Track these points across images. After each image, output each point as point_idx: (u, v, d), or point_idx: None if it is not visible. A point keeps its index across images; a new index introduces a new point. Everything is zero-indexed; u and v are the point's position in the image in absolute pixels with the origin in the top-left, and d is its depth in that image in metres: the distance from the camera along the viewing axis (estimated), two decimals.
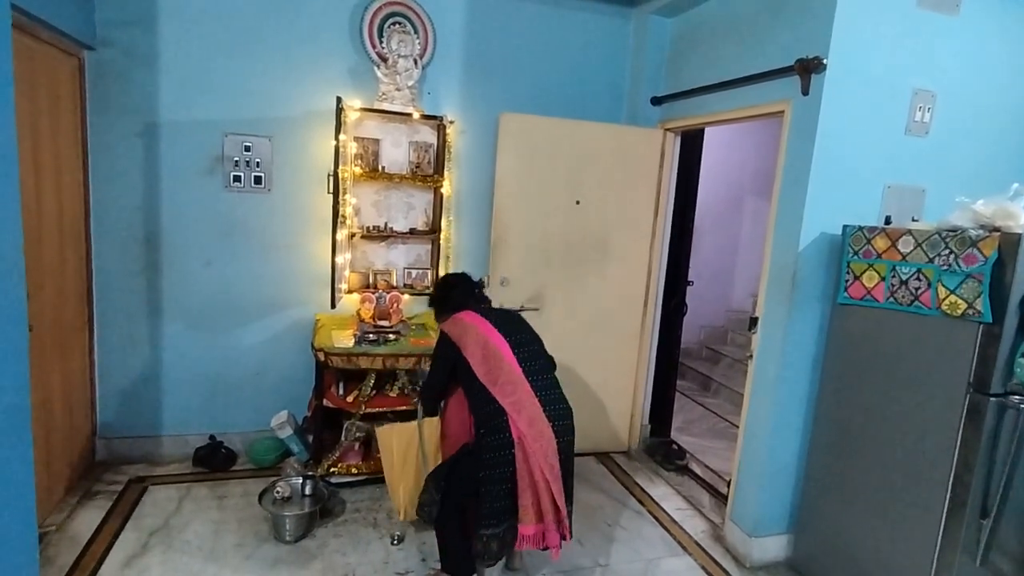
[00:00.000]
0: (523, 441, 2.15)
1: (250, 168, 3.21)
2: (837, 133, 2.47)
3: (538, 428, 2.19)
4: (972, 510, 2.05)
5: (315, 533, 2.73)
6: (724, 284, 5.83)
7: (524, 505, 2.16)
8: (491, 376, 2.24)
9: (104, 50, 2.93)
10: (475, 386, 2.26)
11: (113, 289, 3.12)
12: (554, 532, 2.20)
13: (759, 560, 2.76)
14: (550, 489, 2.16)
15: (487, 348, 2.30)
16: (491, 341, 2.33)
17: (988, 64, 2.63)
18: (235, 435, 3.39)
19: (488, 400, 2.21)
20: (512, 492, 2.16)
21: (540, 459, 2.15)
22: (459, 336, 2.34)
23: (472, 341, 2.31)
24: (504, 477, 2.15)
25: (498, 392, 2.21)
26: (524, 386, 2.26)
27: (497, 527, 2.17)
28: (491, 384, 2.23)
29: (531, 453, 2.14)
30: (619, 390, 3.80)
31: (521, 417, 2.17)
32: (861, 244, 2.39)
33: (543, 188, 3.44)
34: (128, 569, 2.41)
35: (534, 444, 2.15)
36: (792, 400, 2.68)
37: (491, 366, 2.26)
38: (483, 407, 2.23)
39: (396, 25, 3.29)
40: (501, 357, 2.29)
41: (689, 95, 3.31)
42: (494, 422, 2.19)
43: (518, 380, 2.26)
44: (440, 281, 2.77)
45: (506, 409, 2.18)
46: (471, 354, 2.28)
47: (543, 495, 2.16)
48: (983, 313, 1.95)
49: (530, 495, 2.16)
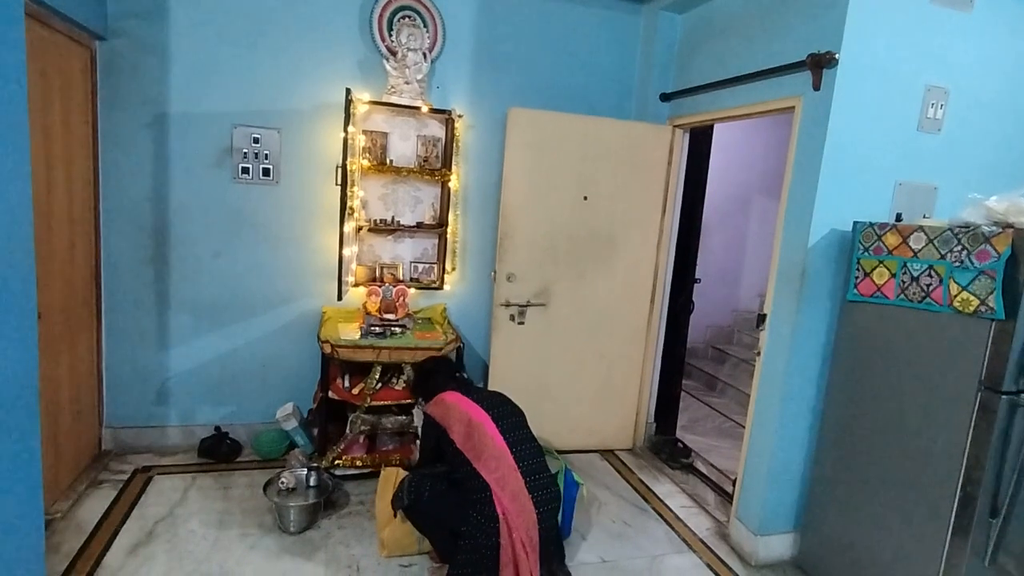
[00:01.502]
0: (507, 517, 2.22)
1: (258, 160, 3.22)
2: (848, 129, 2.45)
3: (520, 502, 2.26)
4: (982, 509, 2.03)
5: (319, 524, 2.73)
6: (731, 284, 5.80)
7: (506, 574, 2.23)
8: (475, 451, 2.32)
9: (115, 41, 2.94)
10: (459, 461, 2.33)
11: (121, 279, 3.14)
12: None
13: (764, 558, 2.74)
14: (528, 559, 2.23)
15: (470, 425, 2.38)
16: (473, 417, 2.41)
17: (1001, 61, 2.61)
18: (240, 426, 3.40)
19: (473, 475, 2.28)
20: (494, 560, 2.22)
21: (522, 532, 2.23)
22: (442, 416, 2.44)
23: (455, 419, 2.40)
24: (487, 545, 2.22)
25: (482, 467, 2.28)
26: (507, 459, 2.33)
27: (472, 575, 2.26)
28: (475, 459, 2.30)
29: (514, 528, 2.22)
30: (625, 387, 3.79)
31: (505, 493, 2.25)
32: (871, 240, 2.37)
33: (551, 183, 3.43)
34: (133, 557, 2.42)
35: (517, 519, 2.23)
36: (800, 397, 2.66)
37: (475, 441, 2.33)
38: (467, 480, 2.30)
39: (406, 19, 3.29)
40: (484, 432, 2.36)
41: (698, 91, 3.30)
42: (479, 496, 2.25)
43: (501, 454, 2.33)
44: (418, 367, 2.88)
45: (491, 486, 2.25)
46: (455, 432, 2.37)
47: (522, 568, 2.22)
48: (996, 310, 1.93)
49: (511, 569, 2.22)
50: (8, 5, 1.60)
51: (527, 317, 3.51)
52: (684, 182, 3.70)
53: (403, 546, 2.55)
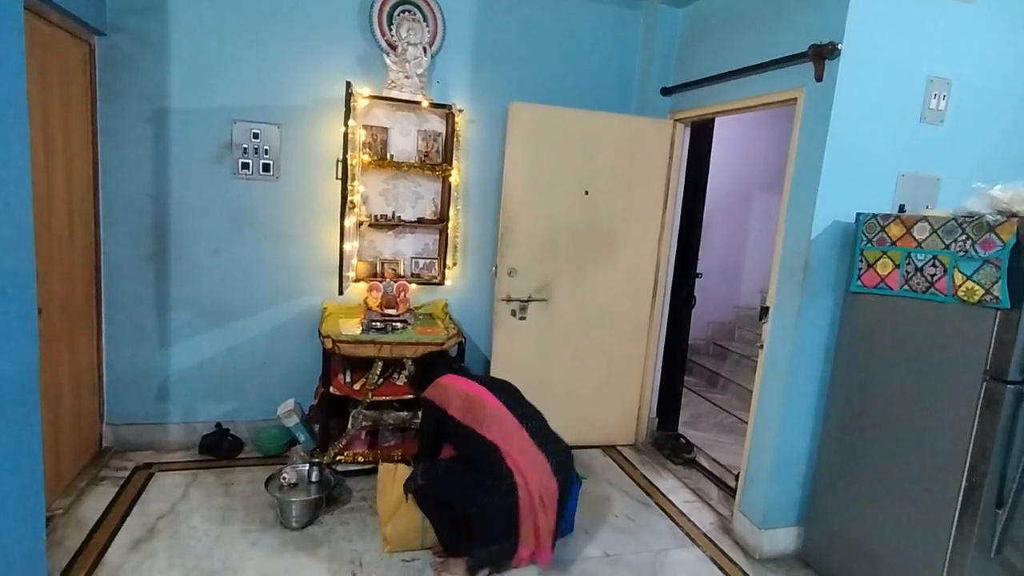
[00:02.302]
0: (519, 468, 2.24)
1: (259, 155, 3.21)
2: (851, 120, 2.44)
3: (531, 455, 2.29)
4: (987, 500, 2.02)
5: (321, 520, 2.72)
6: (732, 280, 5.79)
7: (525, 530, 2.26)
8: (477, 419, 2.34)
9: (114, 36, 2.93)
10: (463, 434, 2.35)
11: (121, 276, 3.12)
12: (547, 552, 2.32)
13: (768, 552, 2.73)
14: (546, 512, 2.25)
15: (468, 398, 2.42)
16: (471, 392, 2.46)
17: (1004, 51, 2.60)
18: (241, 423, 3.39)
19: (479, 441, 2.30)
20: (513, 520, 2.24)
21: (537, 484, 2.25)
22: (440, 397, 2.48)
23: (453, 396, 2.44)
24: (505, 507, 2.23)
25: (486, 431, 2.31)
26: (510, 420, 2.37)
27: (496, 546, 2.28)
28: (478, 426, 2.32)
29: (530, 480, 2.23)
30: (627, 382, 3.78)
31: (513, 448, 2.28)
32: (875, 232, 2.36)
33: (552, 178, 3.42)
34: (135, 553, 2.41)
35: (530, 472, 2.25)
36: (803, 389, 2.65)
37: (475, 412, 2.36)
38: (475, 451, 2.31)
39: (405, 13, 3.28)
40: (484, 402, 2.40)
41: (699, 85, 3.29)
42: (491, 460, 2.27)
43: (503, 416, 2.37)
44: (418, 362, 2.87)
45: (497, 444, 2.27)
46: (454, 407, 2.39)
47: (541, 522, 2.25)
48: (1001, 299, 1.92)
49: (531, 523, 2.25)
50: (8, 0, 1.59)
51: (528, 312, 3.50)
52: (685, 177, 3.69)
53: (406, 541, 2.54)
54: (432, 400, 2.51)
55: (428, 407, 2.54)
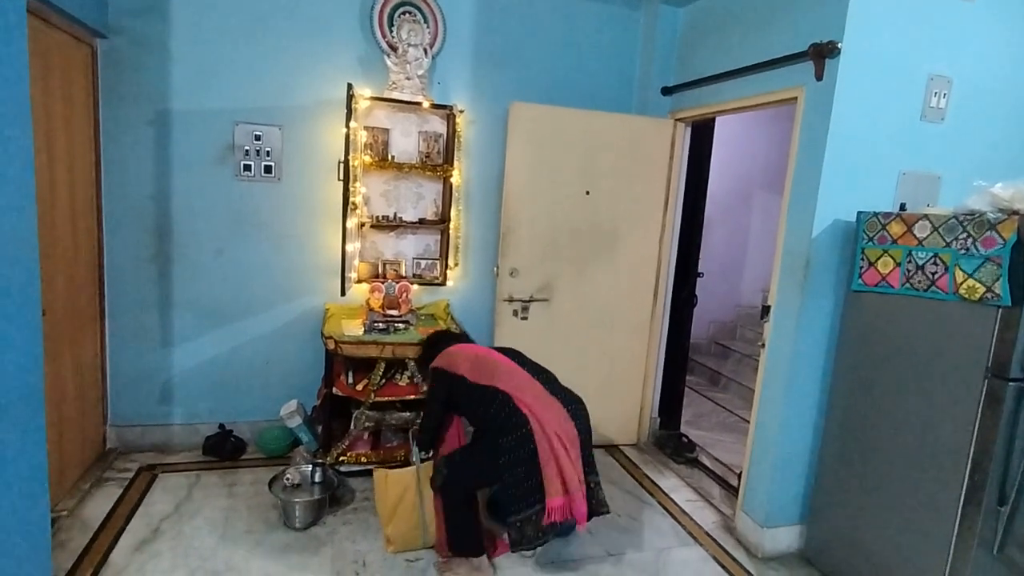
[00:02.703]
0: (533, 411, 2.20)
1: (260, 157, 3.22)
2: (851, 119, 2.44)
3: (545, 401, 2.26)
4: (990, 497, 2.02)
5: (325, 520, 2.73)
6: (733, 280, 5.79)
7: (549, 477, 2.15)
8: (487, 375, 2.33)
9: (116, 38, 2.94)
10: (475, 395, 2.31)
11: (124, 277, 3.13)
12: (581, 501, 2.18)
13: (771, 551, 2.74)
14: (569, 455, 2.17)
15: (477, 358, 2.41)
16: (479, 353, 2.47)
17: (1005, 49, 2.60)
18: (244, 424, 3.40)
19: (491, 395, 2.27)
20: (535, 471, 2.16)
21: (554, 426, 2.19)
22: (448, 362, 2.46)
23: (461, 359, 2.43)
24: (525, 457, 2.17)
25: (497, 382, 2.29)
26: (521, 373, 2.36)
27: (529, 509, 2.18)
28: (488, 380, 2.31)
29: (545, 422, 2.18)
30: (628, 382, 3.78)
31: (526, 395, 2.25)
32: (876, 230, 2.36)
33: (553, 178, 3.43)
34: (139, 553, 2.42)
35: (545, 413, 2.21)
36: (805, 388, 2.65)
37: (485, 369, 2.36)
38: (488, 406, 2.28)
39: (406, 14, 3.28)
40: (494, 360, 2.40)
41: (700, 84, 3.29)
42: (504, 410, 2.23)
43: (514, 370, 2.36)
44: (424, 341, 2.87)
45: (510, 393, 2.25)
46: (464, 369, 2.38)
47: (564, 464, 2.16)
48: (1002, 296, 1.92)
49: (553, 465, 2.15)
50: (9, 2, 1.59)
51: (530, 312, 3.51)
52: (686, 176, 3.69)
53: (408, 541, 2.54)
54: (441, 367, 2.48)
55: (437, 376, 2.49)
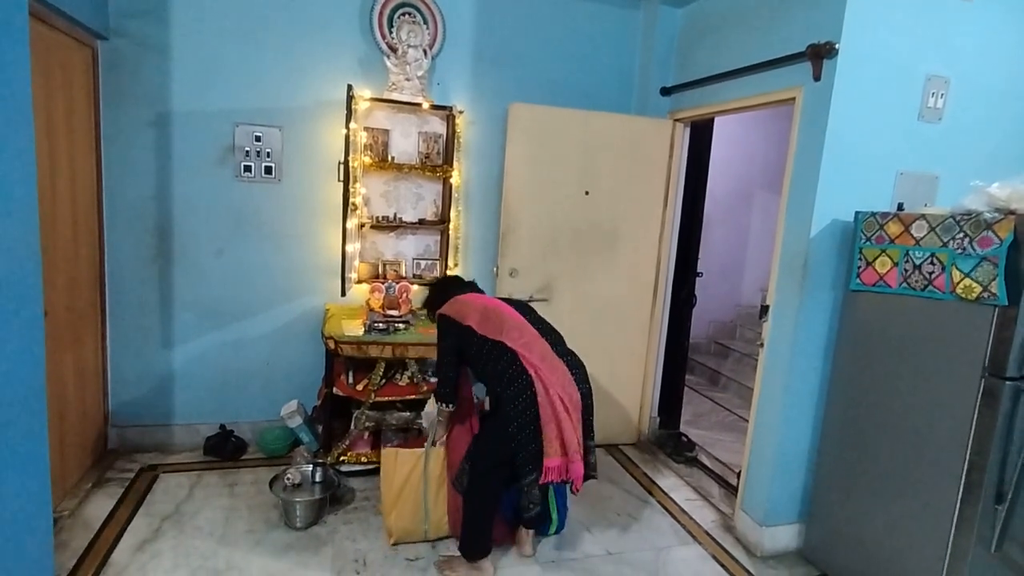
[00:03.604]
0: (539, 374, 2.20)
1: (260, 158, 3.23)
2: (849, 119, 2.45)
3: (550, 362, 2.26)
4: (987, 496, 2.03)
5: (325, 520, 2.74)
6: (733, 279, 5.80)
7: (548, 438, 2.16)
8: (495, 328, 2.30)
9: (117, 40, 2.95)
10: (484, 349, 2.30)
11: (125, 278, 3.14)
12: (578, 463, 2.19)
13: (770, 549, 2.75)
14: (571, 418, 2.19)
15: (486, 311, 2.38)
16: (489, 305, 2.42)
17: (1002, 50, 2.61)
18: (245, 424, 3.41)
19: (499, 351, 2.26)
20: (539, 433, 2.18)
21: (558, 388, 2.20)
22: (457, 311, 2.42)
23: (470, 310, 2.39)
24: (531, 418, 2.18)
25: (505, 338, 2.27)
26: (530, 329, 2.34)
27: (533, 472, 2.20)
28: (496, 334, 2.28)
29: (549, 384, 2.19)
30: (628, 381, 3.79)
31: (533, 354, 2.24)
32: (874, 230, 2.37)
33: (552, 178, 3.44)
34: (140, 553, 2.43)
35: (551, 375, 2.21)
36: (803, 387, 2.66)
37: (494, 323, 2.32)
38: (496, 363, 2.26)
39: (406, 16, 3.29)
40: (503, 314, 2.36)
41: (699, 84, 3.30)
42: (511, 369, 2.22)
43: (523, 325, 2.34)
44: (433, 284, 2.87)
45: (517, 350, 2.24)
46: (472, 319, 2.34)
47: (565, 426, 2.17)
48: (999, 296, 1.93)
49: (553, 427, 2.17)
50: (11, 5, 1.61)
51: None
52: (685, 176, 3.71)
53: (410, 533, 2.55)
54: (449, 315, 2.44)
55: (445, 324, 2.46)
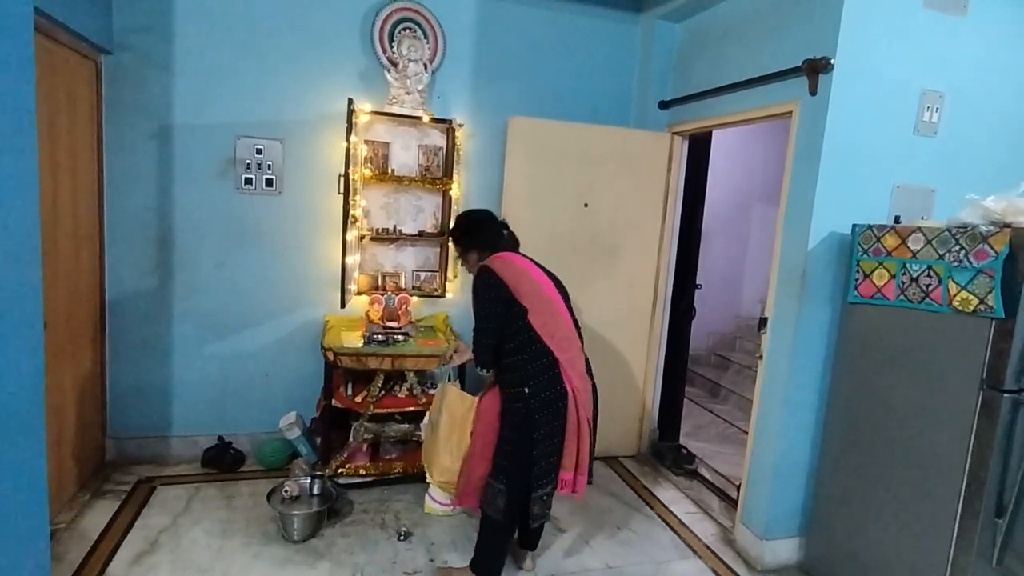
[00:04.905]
0: (576, 395, 2.17)
1: (261, 170, 3.25)
2: (845, 133, 2.47)
3: (584, 383, 2.22)
4: (987, 509, 2.02)
5: (323, 533, 2.72)
6: (732, 291, 5.81)
7: (569, 453, 2.18)
8: (548, 329, 2.15)
9: (120, 54, 2.98)
10: (529, 337, 2.15)
11: (125, 289, 3.15)
12: (584, 476, 2.24)
13: (771, 563, 2.73)
14: (586, 438, 2.21)
15: (543, 298, 2.17)
16: (544, 290, 2.19)
17: (997, 64, 2.64)
18: (243, 436, 3.40)
19: (543, 352, 2.14)
20: (561, 445, 2.18)
21: (586, 411, 2.20)
22: (513, 279, 2.15)
23: (528, 289, 2.16)
24: (556, 431, 2.16)
25: (555, 347, 2.15)
26: (576, 342, 2.23)
27: (552, 483, 2.20)
28: (548, 338, 2.14)
29: (580, 404, 2.18)
30: (628, 393, 3.78)
31: (574, 373, 2.18)
32: (871, 242, 2.39)
33: (551, 191, 3.46)
34: (137, 566, 2.41)
35: (584, 396, 2.20)
36: (803, 400, 2.66)
37: (547, 318, 2.16)
38: (536, 360, 2.15)
39: (406, 30, 3.33)
40: (556, 311, 2.20)
41: (697, 98, 3.33)
42: (548, 375, 2.14)
43: (572, 336, 2.21)
44: (462, 216, 2.49)
45: (561, 362, 2.15)
46: (529, 302, 2.13)
47: (583, 444, 2.20)
48: (995, 308, 1.94)
49: (574, 444, 2.18)
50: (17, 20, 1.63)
51: None
52: (684, 189, 3.73)
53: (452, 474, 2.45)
54: (500, 277, 2.14)
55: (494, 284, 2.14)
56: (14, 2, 1.58)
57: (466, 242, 2.41)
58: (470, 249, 2.39)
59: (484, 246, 2.35)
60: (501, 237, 2.38)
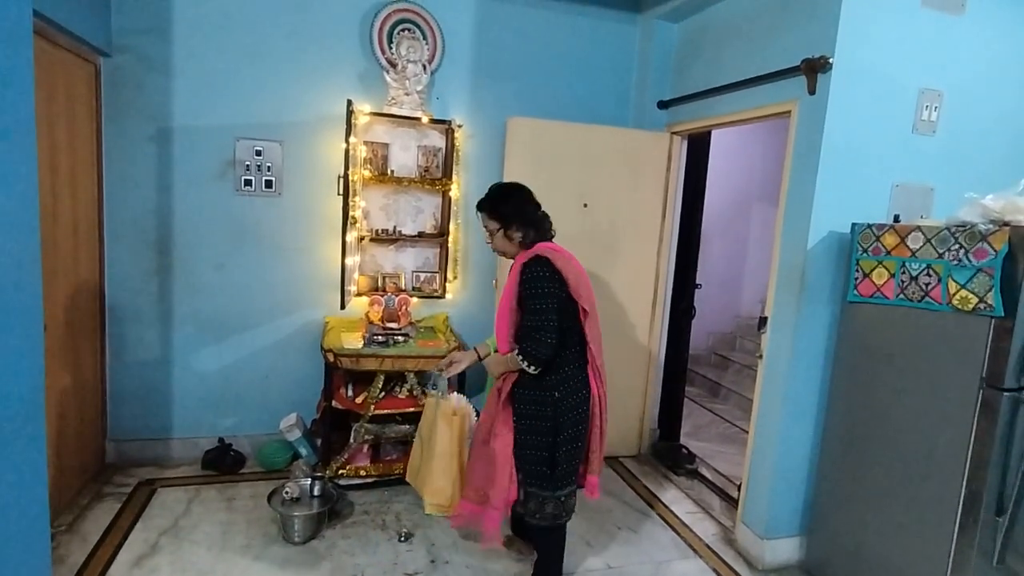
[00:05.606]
0: (600, 399, 2.22)
1: (261, 172, 3.25)
2: (844, 132, 2.47)
3: (604, 390, 2.27)
4: (987, 508, 2.02)
5: (324, 534, 2.72)
6: (732, 290, 5.81)
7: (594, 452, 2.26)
8: (593, 333, 2.16)
9: (119, 57, 2.98)
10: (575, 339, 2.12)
11: (125, 292, 3.15)
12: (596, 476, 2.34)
13: (771, 563, 2.73)
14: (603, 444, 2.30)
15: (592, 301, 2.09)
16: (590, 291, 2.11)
17: (995, 63, 2.64)
18: (244, 438, 3.40)
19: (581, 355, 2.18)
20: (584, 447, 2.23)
21: (604, 407, 2.26)
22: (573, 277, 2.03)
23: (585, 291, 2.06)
24: (580, 434, 2.20)
25: (595, 351, 2.18)
26: (599, 345, 2.24)
27: (574, 483, 2.25)
28: (592, 341, 2.17)
29: (603, 408, 2.24)
30: (628, 394, 3.78)
31: (599, 377, 2.23)
32: (870, 241, 2.39)
33: (551, 191, 3.42)
34: (137, 568, 2.41)
35: (605, 399, 2.26)
36: (803, 399, 2.66)
37: (594, 322, 2.15)
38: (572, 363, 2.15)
39: (405, 31, 3.34)
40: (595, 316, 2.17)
41: (695, 98, 3.33)
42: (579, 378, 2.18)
43: (599, 339, 2.22)
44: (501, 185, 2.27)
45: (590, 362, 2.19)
46: (587, 304, 2.04)
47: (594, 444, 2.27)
48: (995, 307, 1.94)
49: (597, 445, 2.26)
50: (16, 23, 1.63)
51: None
52: (683, 188, 3.73)
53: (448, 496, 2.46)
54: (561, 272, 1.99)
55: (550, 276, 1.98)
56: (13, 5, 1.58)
57: (508, 212, 2.13)
58: (512, 222, 2.12)
59: (528, 223, 2.13)
60: (545, 217, 2.21)
